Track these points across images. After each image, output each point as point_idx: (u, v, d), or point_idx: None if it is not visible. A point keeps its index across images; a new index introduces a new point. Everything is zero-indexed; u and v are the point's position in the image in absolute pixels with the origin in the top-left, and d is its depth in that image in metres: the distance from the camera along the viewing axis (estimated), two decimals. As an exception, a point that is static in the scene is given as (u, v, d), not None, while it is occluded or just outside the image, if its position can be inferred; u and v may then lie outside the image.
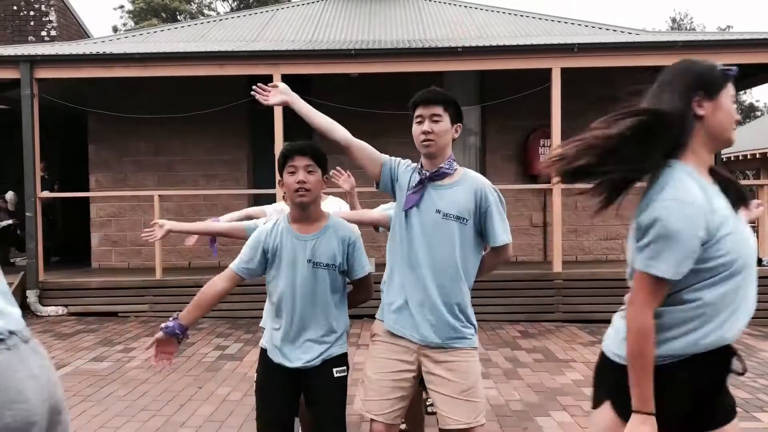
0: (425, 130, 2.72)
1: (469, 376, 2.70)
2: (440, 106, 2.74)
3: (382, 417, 2.74)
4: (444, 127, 2.73)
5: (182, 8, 29.50)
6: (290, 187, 2.69)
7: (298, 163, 2.68)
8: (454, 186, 2.75)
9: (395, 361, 2.76)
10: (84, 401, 5.00)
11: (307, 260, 2.71)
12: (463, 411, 2.66)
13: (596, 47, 8.52)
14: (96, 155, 10.29)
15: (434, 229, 2.70)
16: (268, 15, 12.48)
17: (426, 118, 2.73)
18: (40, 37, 12.61)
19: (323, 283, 2.72)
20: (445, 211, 2.70)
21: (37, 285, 8.49)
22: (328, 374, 2.74)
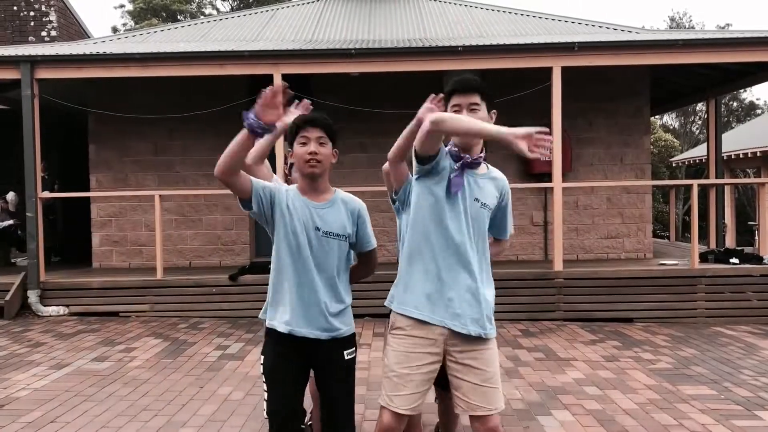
0: None
1: (492, 364, 2.76)
2: (477, 94, 2.76)
3: (406, 409, 2.73)
4: (483, 115, 2.77)
5: (182, 8, 29.49)
6: (301, 157, 2.68)
7: (310, 134, 2.68)
8: (486, 177, 2.84)
9: (423, 354, 2.73)
10: (85, 401, 5.00)
11: (315, 228, 2.70)
12: (490, 398, 2.72)
13: (596, 46, 8.51)
14: (96, 155, 10.29)
15: (475, 218, 2.76)
16: (268, 15, 12.47)
17: (464, 107, 2.74)
18: (41, 38, 12.61)
19: (333, 252, 2.72)
20: (482, 201, 2.78)
21: (38, 285, 8.50)
22: (339, 356, 2.73)
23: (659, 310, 8.23)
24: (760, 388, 5.23)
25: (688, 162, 19.67)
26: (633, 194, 10.26)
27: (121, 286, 8.57)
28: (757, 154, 14.93)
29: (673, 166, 23.88)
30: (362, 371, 5.78)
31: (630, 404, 4.87)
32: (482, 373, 2.73)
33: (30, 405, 4.92)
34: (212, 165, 10.24)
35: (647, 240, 10.32)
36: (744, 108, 32.42)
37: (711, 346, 6.80)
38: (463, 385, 2.73)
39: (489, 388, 2.72)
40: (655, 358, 6.27)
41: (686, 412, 4.67)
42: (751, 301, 8.31)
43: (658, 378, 5.57)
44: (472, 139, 2.75)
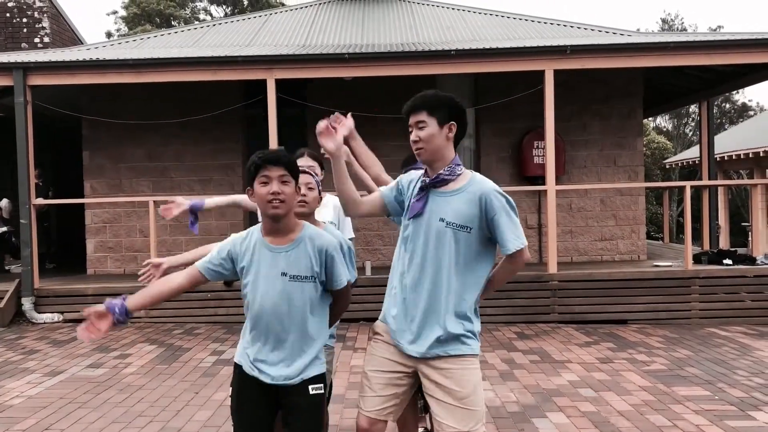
0: (412, 139, 2.74)
1: (466, 384, 2.67)
2: (423, 111, 2.72)
3: (372, 413, 2.76)
4: (430, 132, 2.70)
5: (176, 14, 29.48)
6: (263, 198, 2.57)
7: (271, 174, 2.56)
8: (459, 193, 2.70)
9: (392, 361, 2.78)
10: (80, 408, 4.99)
11: (281, 273, 2.62)
12: (459, 418, 2.64)
13: (589, 49, 8.55)
14: (90, 161, 10.28)
15: (439, 238, 2.68)
16: (262, 20, 12.49)
17: (413, 126, 2.74)
18: (34, 44, 12.59)
19: (300, 296, 2.64)
20: (449, 220, 2.67)
21: (33, 292, 8.47)
22: (305, 391, 2.65)
23: (653, 311, 8.26)
24: (754, 389, 5.25)
25: (682, 164, 19.75)
26: (627, 196, 10.29)
27: (116, 293, 8.46)
28: (749, 156, 15.00)
29: (667, 168, 23.97)
30: (358, 375, 5.78)
31: (624, 406, 4.88)
32: (453, 392, 2.67)
33: (24, 412, 4.91)
34: (207, 170, 10.37)
35: (641, 242, 10.35)
36: (736, 109, 32.56)
37: (705, 347, 6.82)
38: (433, 402, 2.72)
39: (460, 408, 2.65)
40: (650, 360, 6.29)
41: (680, 413, 4.69)
42: (744, 302, 8.35)
43: (653, 379, 5.59)
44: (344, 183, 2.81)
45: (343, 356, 6.51)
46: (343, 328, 7.63)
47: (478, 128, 10.37)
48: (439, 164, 2.73)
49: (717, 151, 13.75)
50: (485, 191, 2.68)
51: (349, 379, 5.65)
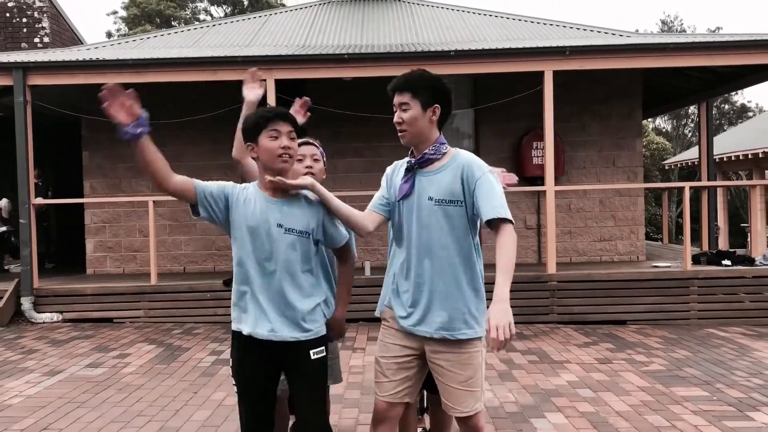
0: (396, 120, 2.74)
1: (468, 367, 2.73)
2: (407, 92, 2.69)
3: (386, 397, 2.80)
4: (413, 114, 2.70)
5: (176, 14, 29.49)
6: (272, 151, 2.57)
7: (282, 129, 2.59)
8: (443, 170, 2.72)
9: (400, 346, 2.82)
10: (79, 408, 4.99)
11: (277, 224, 2.62)
12: (463, 401, 2.73)
13: (588, 50, 8.56)
14: (90, 161, 10.28)
15: (430, 218, 2.70)
16: (262, 20, 12.49)
17: (396, 107, 2.74)
18: (33, 44, 12.60)
19: (295, 250, 2.63)
20: (437, 198, 2.69)
21: (32, 292, 8.47)
22: (305, 356, 2.65)
23: (652, 312, 8.26)
24: (753, 389, 5.26)
25: (681, 165, 19.76)
26: (626, 197, 10.30)
27: (115, 292, 8.56)
28: (748, 157, 15.01)
29: (666, 169, 23.98)
30: (357, 375, 5.79)
31: (623, 406, 4.88)
32: (455, 376, 2.73)
33: (23, 412, 4.91)
34: (206, 170, 10.39)
35: (640, 242, 10.36)
36: (736, 110, 32.58)
37: (704, 348, 6.83)
38: (439, 384, 2.80)
39: (464, 391, 2.73)
40: (648, 360, 6.29)
41: (679, 413, 4.70)
42: (743, 303, 8.35)
43: (651, 380, 5.59)
44: None
45: (342, 356, 6.49)
46: (342, 329, 7.62)
47: (477, 128, 10.38)
48: (424, 146, 2.74)
49: (716, 152, 13.77)
50: (466, 163, 2.71)
51: (348, 379, 5.65)
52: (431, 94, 2.70)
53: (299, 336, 2.65)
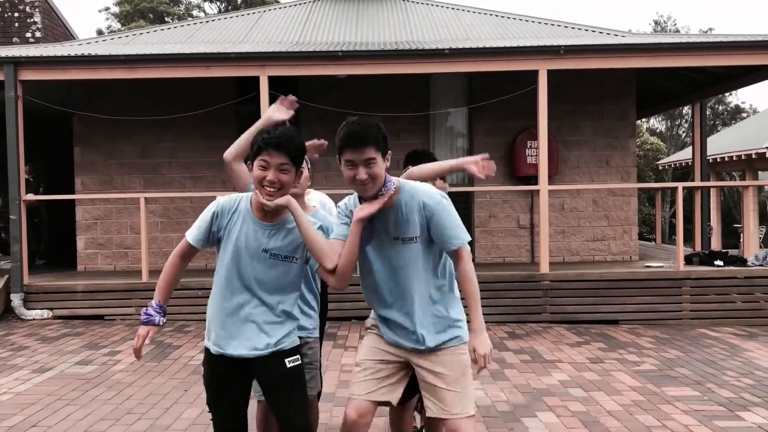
0: (361, 179, 2.58)
1: (455, 368, 2.76)
2: (371, 146, 2.57)
3: (361, 397, 2.77)
4: (379, 168, 2.60)
5: (169, 10, 29.37)
6: (257, 181, 2.54)
7: (272, 160, 2.51)
8: (397, 207, 2.68)
9: (381, 350, 2.84)
10: (68, 405, 4.96)
11: (263, 249, 2.61)
12: (451, 402, 2.73)
13: (582, 49, 8.56)
14: (81, 157, 10.22)
15: (397, 256, 2.71)
16: (255, 17, 12.44)
17: (359, 164, 2.57)
18: (25, 39, 12.52)
19: (278, 272, 2.63)
20: (401, 236, 2.69)
21: (22, 288, 8.42)
22: (280, 364, 2.64)
23: (644, 312, 8.28)
24: (743, 389, 5.27)
25: (675, 165, 19.80)
26: (619, 197, 10.31)
27: (106, 289, 8.51)
28: (741, 157, 15.05)
29: (660, 169, 24.04)
30: (348, 374, 5.77)
31: (614, 406, 4.88)
32: (444, 377, 2.75)
33: (12, 409, 4.87)
34: (198, 167, 10.35)
35: (633, 242, 10.38)
36: (729, 111, 32.68)
37: (695, 348, 6.84)
38: (426, 387, 2.79)
39: (452, 392, 2.73)
40: (640, 360, 6.30)
41: (669, 413, 4.70)
42: (735, 303, 8.38)
43: (643, 379, 5.59)
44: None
45: (333, 354, 6.50)
46: (334, 327, 7.61)
47: (471, 127, 10.37)
48: (371, 189, 2.65)
49: (710, 153, 13.79)
50: (421, 195, 2.68)
51: (339, 378, 5.64)
52: (385, 142, 2.65)
53: (273, 349, 2.65)
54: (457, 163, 3.24)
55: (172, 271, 2.73)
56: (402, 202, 2.68)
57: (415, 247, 2.70)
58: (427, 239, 2.71)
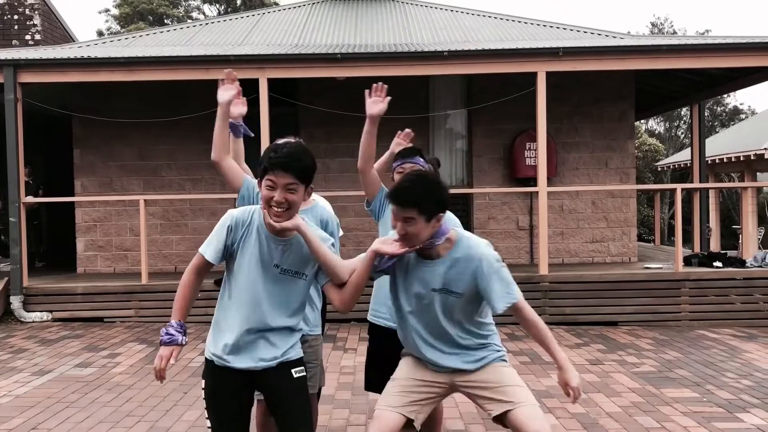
0: (399, 232, 2.65)
1: (500, 377, 2.85)
2: (414, 208, 2.60)
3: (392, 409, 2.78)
4: (419, 227, 2.63)
5: (169, 12, 29.38)
6: (265, 200, 2.51)
7: (279, 180, 2.46)
8: (448, 261, 2.77)
9: (422, 371, 2.88)
10: (68, 407, 4.96)
11: (274, 264, 2.59)
12: (511, 393, 2.79)
13: (581, 51, 8.58)
14: (81, 160, 10.22)
15: (437, 304, 2.78)
16: (255, 19, 12.46)
17: (398, 219, 2.64)
18: (25, 41, 12.53)
19: (288, 288, 2.63)
20: (447, 289, 2.78)
21: (22, 291, 8.42)
22: (287, 375, 2.63)
23: (644, 313, 8.29)
24: (742, 391, 5.27)
25: (673, 166, 19.83)
26: (618, 198, 10.32)
27: (106, 291, 8.52)
28: (740, 159, 15.08)
29: (659, 171, 24.06)
30: (348, 376, 5.78)
31: (613, 407, 4.89)
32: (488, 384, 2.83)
33: (11, 411, 4.87)
34: (198, 169, 10.33)
35: (632, 244, 10.39)
36: (728, 113, 32.72)
37: (694, 349, 6.85)
38: (476, 398, 2.88)
39: (501, 388, 2.80)
40: (639, 362, 6.31)
41: (669, 414, 4.71)
42: (734, 304, 8.39)
43: (642, 381, 5.60)
44: None
45: (333, 356, 6.50)
46: (333, 329, 7.62)
47: (470, 129, 10.38)
48: None
49: (708, 154, 13.81)
50: (474, 260, 2.74)
51: (339, 380, 5.64)
52: (436, 206, 2.64)
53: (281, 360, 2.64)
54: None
55: (188, 288, 2.63)
56: (455, 257, 2.74)
57: (458, 301, 2.75)
58: (474, 295, 2.75)
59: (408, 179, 2.69)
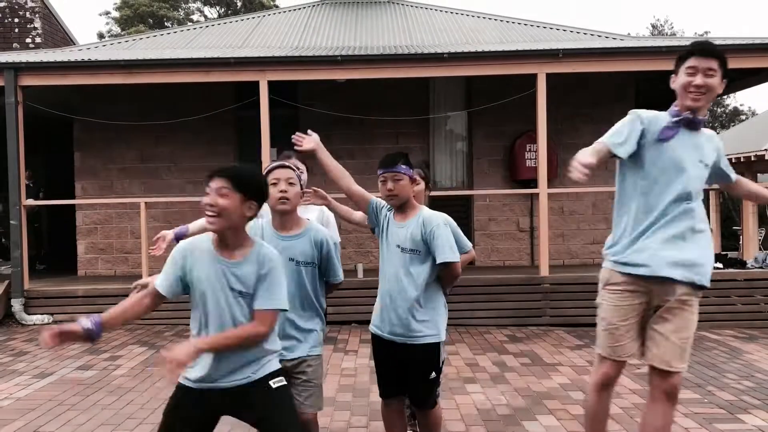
0: (698, 83, 3.01)
1: (689, 324, 3.05)
2: (716, 59, 2.98)
3: (626, 357, 3.17)
4: (716, 81, 3.01)
5: (169, 15, 29.42)
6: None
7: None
8: None
9: (636, 305, 3.12)
10: (69, 410, 4.96)
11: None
12: (672, 353, 3.00)
13: (581, 53, 8.58)
14: (82, 163, 10.24)
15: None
16: (255, 21, 12.48)
17: (700, 71, 3.00)
18: (25, 44, 12.54)
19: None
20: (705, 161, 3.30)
21: (23, 293, 8.43)
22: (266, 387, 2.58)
23: (645, 314, 8.26)
24: (743, 392, 5.27)
25: (674, 167, 19.78)
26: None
27: (107, 294, 8.51)
28: (741, 160, 15.07)
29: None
30: (349, 377, 5.78)
31: (615, 409, 4.88)
32: (673, 327, 3.01)
33: (12, 414, 4.87)
34: (199, 172, 10.35)
35: (633, 245, 10.36)
36: (728, 114, 32.74)
37: (695, 350, 6.83)
38: (652, 334, 3.07)
39: (676, 344, 2.99)
40: (640, 363, 6.28)
41: (670, 416, 4.69)
42: (735, 306, 8.38)
43: (643, 382, 5.59)
44: None
45: (334, 358, 6.50)
46: (334, 331, 7.62)
47: (470, 131, 10.38)
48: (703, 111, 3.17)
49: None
50: None
51: (340, 382, 5.64)
52: (727, 69, 3.10)
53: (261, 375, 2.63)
54: None
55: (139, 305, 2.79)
56: None
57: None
58: None
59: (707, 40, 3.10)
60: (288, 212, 3.08)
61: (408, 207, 3.31)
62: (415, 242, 3.21)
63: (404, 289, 3.21)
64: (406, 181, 3.25)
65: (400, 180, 3.21)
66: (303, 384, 3.06)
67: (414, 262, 3.22)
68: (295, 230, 3.10)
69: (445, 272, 3.28)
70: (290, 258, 3.01)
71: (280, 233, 3.08)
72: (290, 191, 3.03)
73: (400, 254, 3.24)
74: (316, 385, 3.13)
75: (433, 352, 3.29)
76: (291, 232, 3.09)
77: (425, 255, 3.22)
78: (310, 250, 3.07)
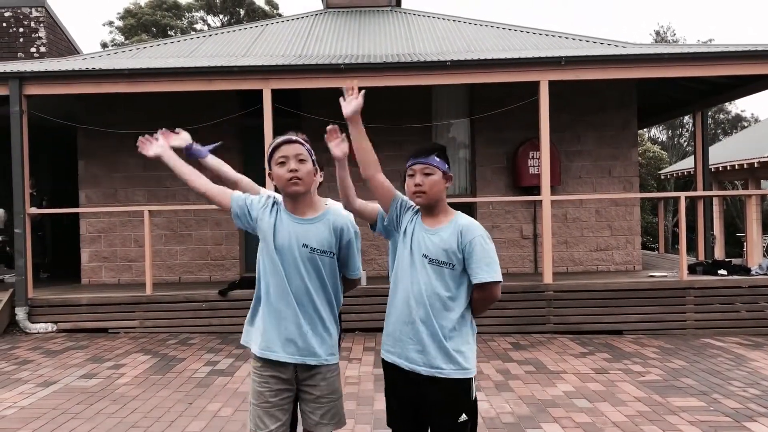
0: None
1: None
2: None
3: None
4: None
5: (172, 24, 29.54)
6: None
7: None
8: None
9: None
10: (73, 419, 4.96)
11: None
12: None
13: (584, 60, 8.59)
14: (85, 171, 10.26)
15: None
16: (258, 30, 12.52)
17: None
18: (30, 54, 12.60)
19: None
20: None
21: (27, 302, 8.43)
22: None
23: (649, 322, 8.26)
24: (749, 400, 5.25)
25: (677, 174, 19.82)
26: (621, 206, 10.32)
27: (110, 302, 8.52)
28: (744, 166, 15.06)
29: (662, 179, 24.04)
30: (352, 386, 5.77)
31: (619, 417, 4.87)
32: None
33: (17, 423, 4.87)
34: (201, 180, 9.84)
35: (636, 252, 10.37)
36: (730, 120, 32.73)
37: (700, 358, 6.82)
38: None
39: None
40: (645, 370, 6.28)
41: (675, 423, 4.68)
42: (739, 313, 8.35)
43: (648, 390, 5.58)
44: None
45: (338, 367, 6.49)
46: (338, 339, 7.60)
47: (473, 138, 10.39)
48: None
49: (711, 162, 13.80)
50: None
51: (344, 390, 5.62)
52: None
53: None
54: None
55: None
56: None
57: None
58: None
59: None
60: (301, 194, 2.65)
61: (440, 209, 2.75)
62: (448, 254, 2.66)
63: (432, 311, 2.63)
64: (439, 177, 2.70)
65: (431, 174, 2.69)
66: (316, 401, 2.76)
67: (445, 278, 2.65)
68: (310, 213, 2.70)
69: (481, 294, 2.71)
70: (304, 244, 2.64)
71: (297, 215, 2.70)
72: (302, 169, 2.61)
73: (427, 266, 2.67)
74: (332, 399, 2.82)
75: (465, 389, 2.67)
76: (306, 215, 2.70)
77: (460, 271, 2.67)
78: (329, 237, 2.68)
